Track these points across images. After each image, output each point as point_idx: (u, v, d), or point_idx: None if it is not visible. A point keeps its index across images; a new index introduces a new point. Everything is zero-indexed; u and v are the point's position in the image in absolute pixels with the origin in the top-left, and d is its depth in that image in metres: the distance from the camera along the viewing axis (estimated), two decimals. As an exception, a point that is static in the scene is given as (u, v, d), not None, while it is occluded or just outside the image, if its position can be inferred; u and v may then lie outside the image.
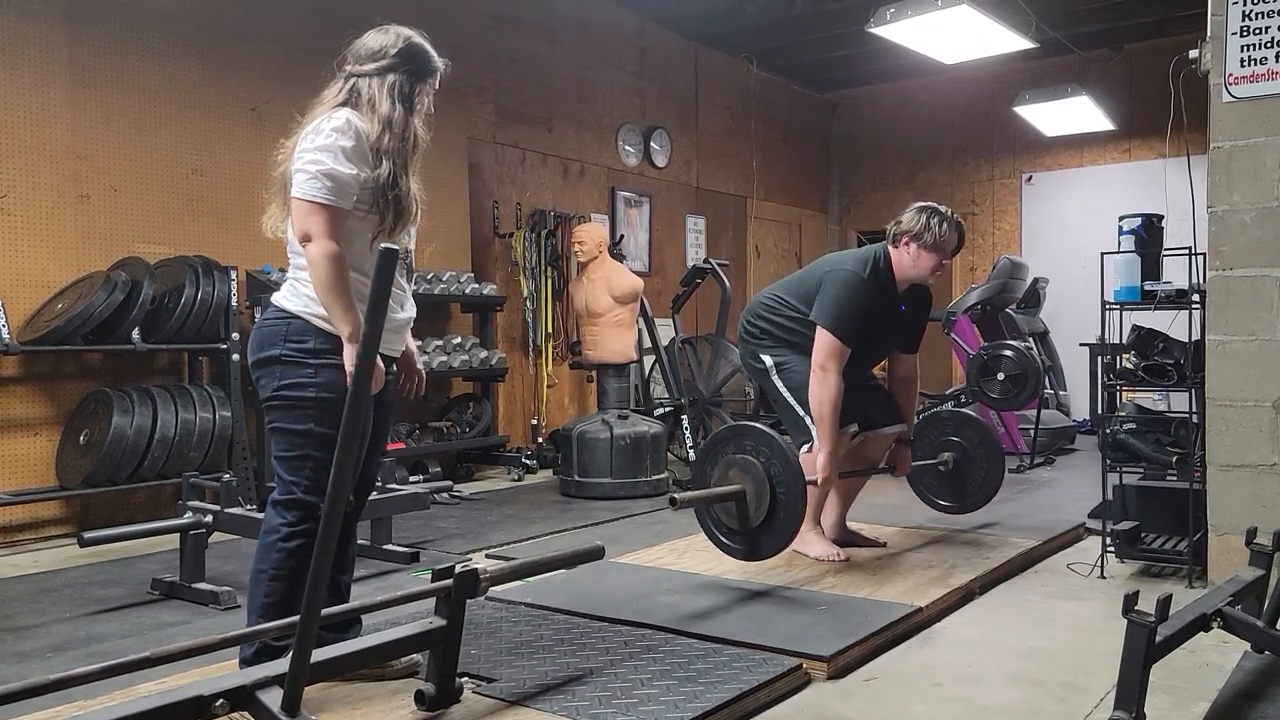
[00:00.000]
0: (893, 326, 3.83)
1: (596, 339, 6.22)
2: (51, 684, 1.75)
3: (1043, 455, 6.71)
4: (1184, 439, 3.84)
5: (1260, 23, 3.42)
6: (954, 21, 5.94)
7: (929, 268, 3.67)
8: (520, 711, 2.30)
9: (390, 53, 2.41)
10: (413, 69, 2.44)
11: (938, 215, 3.66)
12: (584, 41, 7.77)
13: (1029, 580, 3.71)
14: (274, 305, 2.43)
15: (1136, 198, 6.00)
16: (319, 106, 2.44)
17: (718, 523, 3.41)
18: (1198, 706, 2.41)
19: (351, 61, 2.44)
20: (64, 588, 3.69)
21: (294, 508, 2.36)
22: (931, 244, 3.64)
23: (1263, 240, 3.42)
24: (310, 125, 2.39)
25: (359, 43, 2.46)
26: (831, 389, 3.52)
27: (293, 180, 2.34)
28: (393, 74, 2.41)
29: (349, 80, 2.43)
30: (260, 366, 2.40)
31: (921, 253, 3.66)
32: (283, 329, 2.37)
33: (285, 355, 2.35)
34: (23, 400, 4.62)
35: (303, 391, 2.34)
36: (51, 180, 4.70)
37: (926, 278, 3.73)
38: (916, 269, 3.69)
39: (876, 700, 2.50)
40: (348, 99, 2.41)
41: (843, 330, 3.57)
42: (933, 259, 3.66)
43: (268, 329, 2.40)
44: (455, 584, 2.25)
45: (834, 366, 3.54)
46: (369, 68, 2.41)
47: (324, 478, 2.02)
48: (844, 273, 3.68)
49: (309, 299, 2.35)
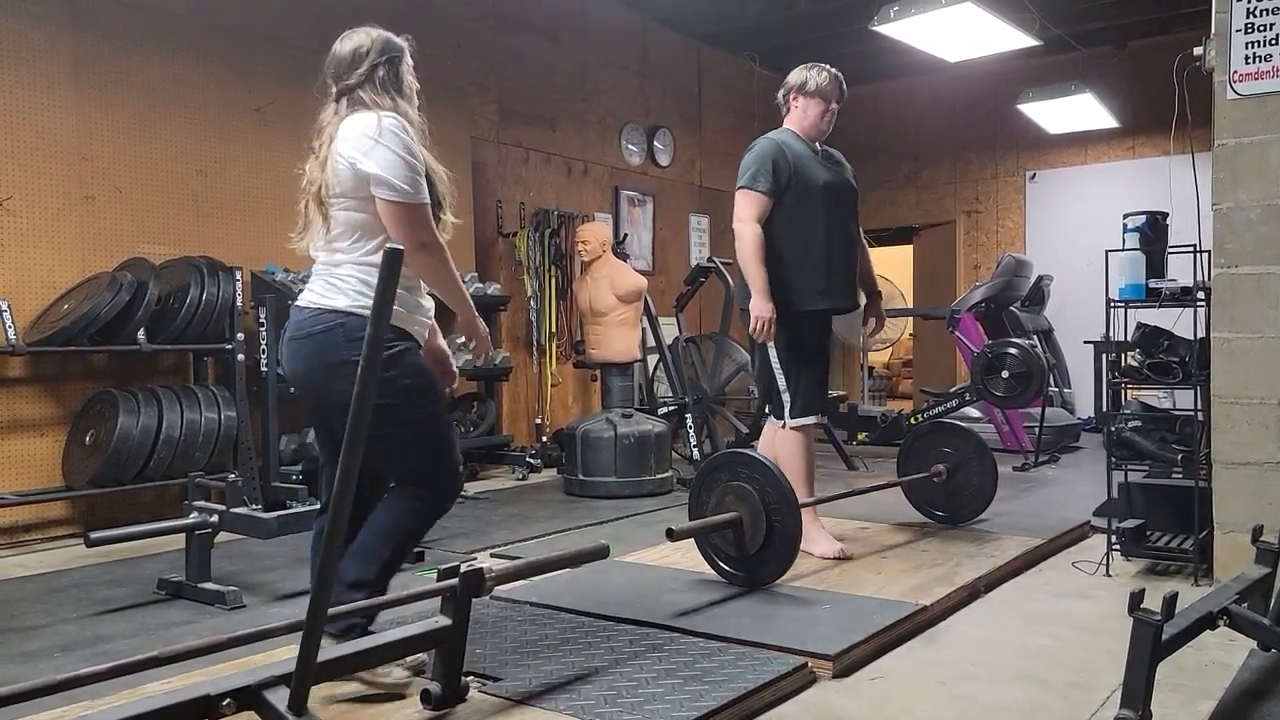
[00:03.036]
0: (837, 181, 3.92)
1: (600, 338, 6.22)
2: (58, 684, 1.75)
3: (1047, 453, 6.70)
4: (1189, 437, 3.83)
5: (1265, 19, 3.42)
6: (957, 19, 5.94)
7: (816, 114, 3.90)
8: (526, 711, 2.31)
9: (365, 52, 2.47)
10: (390, 58, 2.50)
11: (815, 67, 3.94)
12: (587, 41, 7.77)
13: (1034, 578, 3.71)
14: (316, 308, 2.38)
15: (1141, 195, 5.98)
16: (324, 129, 2.47)
17: (717, 549, 3.41)
18: (1204, 705, 2.41)
19: (333, 79, 2.50)
20: (70, 588, 3.70)
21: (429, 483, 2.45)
22: (814, 90, 3.90)
23: (1268, 237, 3.42)
24: (354, 131, 2.38)
25: (333, 58, 2.53)
26: (749, 237, 3.75)
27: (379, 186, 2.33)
28: (380, 69, 2.46)
29: (342, 96, 2.47)
30: (324, 374, 2.36)
31: (807, 102, 3.91)
32: (339, 331, 2.35)
33: (356, 357, 2.32)
34: (29, 401, 4.63)
35: (387, 394, 2.28)
36: (57, 181, 4.71)
37: (819, 126, 3.92)
38: (808, 119, 3.92)
39: (882, 699, 2.50)
40: (352, 110, 2.44)
41: (754, 183, 3.79)
42: (818, 105, 3.90)
43: (321, 334, 2.36)
44: (460, 583, 2.25)
45: (748, 216, 3.78)
46: (357, 76, 2.46)
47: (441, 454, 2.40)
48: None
49: (358, 294, 2.35)
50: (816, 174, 3.85)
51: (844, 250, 3.88)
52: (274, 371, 5.10)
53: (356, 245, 2.41)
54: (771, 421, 3.94)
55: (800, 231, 3.80)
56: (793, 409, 3.85)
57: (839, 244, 3.86)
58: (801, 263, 3.80)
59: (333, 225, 2.41)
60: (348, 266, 2.40)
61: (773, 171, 3.78)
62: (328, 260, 2.43)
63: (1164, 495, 3.86)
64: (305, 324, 2.41)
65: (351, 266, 2.39)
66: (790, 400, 3.84)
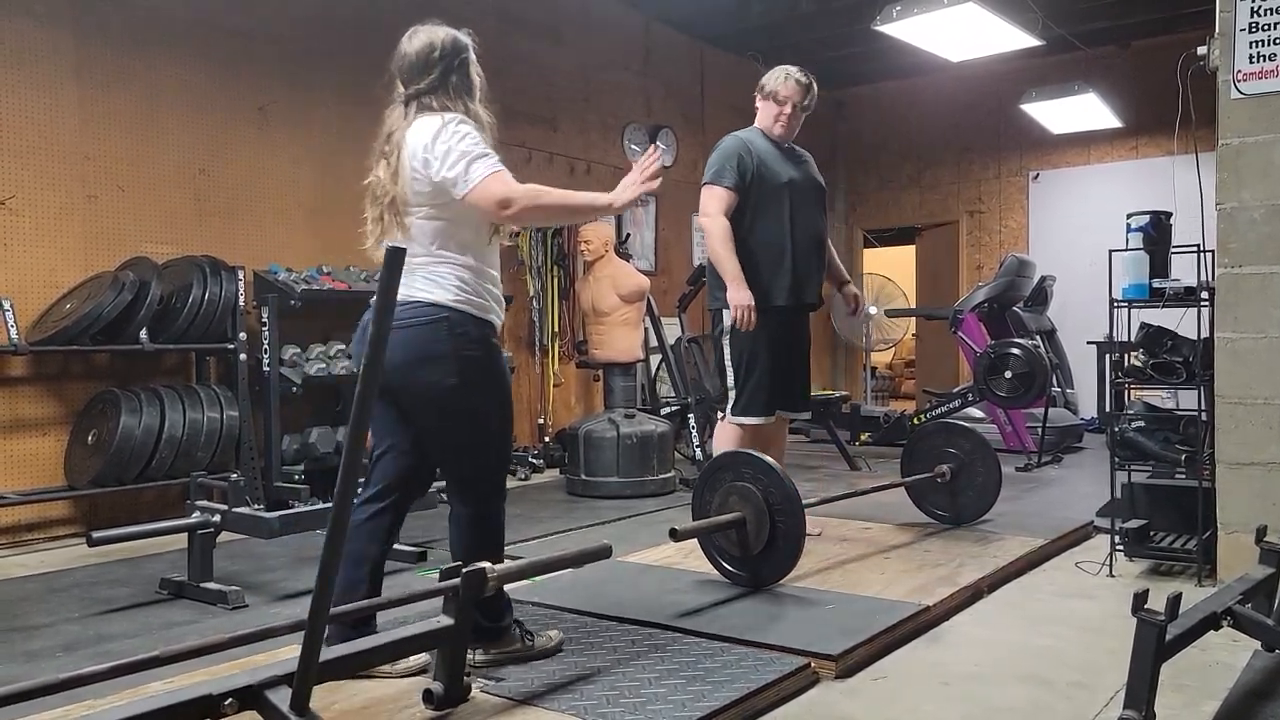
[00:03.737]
0: (801, 178, 3.99)
1: (603, 338, 6.22)
2: (60, 683, 1.75)
3: (1050, 453, 6.69)
4: (1193, 437, 3.83)
5: (1269, 19, 3.41)
6: (960, 19, 5.94)
7: (772, 115, 3.97)
8: (528, 711, 2.30)
9: (436, 56, 2.51)
10: (461, 60, 2.55)
11: (780, 69, 4.00)
12: (589, 41, 7.76)
13: (1037, 579, 3.70)
14: (415, 301, 2.42)
15: (1144, 195, 5.96)
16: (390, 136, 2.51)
17: (721, 550, 3.40)
18: (1208, 705, 2.40)
19: (403, 81, 2.53)
20: (72, 587, 3.70)
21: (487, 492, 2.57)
22: (769, 93, 3.97)
23: (1272, 237, 3.41)
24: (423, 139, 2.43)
25: (402, 59, 2.54)
26: (717, 230, 3.84)
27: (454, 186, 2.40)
28: (452, 75, 2.52)
29: (411, 101, 2.51)
30: (423, 364, 2.42)
31: (765, 104, 3.99)
32: (443, 325, 2.43)
33: (459, 350, 2.43)
34: (31, 400, 4.64)
35: (481, 385, 2.46)
36: (59, 180, 4.71)
37: (774, 128, 3.98)
38: (765, 119, 4.00)
39: (885, 699, 2.50)
40: (420, 113, 2.49)
41: (719, 178, 3.88)
42: (772, 108, 3.97)
43: (421, 326, 2.42)
44: (463, 583, 2.24)
45: (715, 210, 3.86)
46: (429, 82, 2.50)
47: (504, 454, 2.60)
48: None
49: (458, 289, 2.45)
50: (780, 171, 3.93)
51: (808, 246, 3.96)
52: (276, 371, 5.10)
53: (444, 246, 2.48)
54: (721, 422, 4.08)
55: (764, 228, 3.90)
56: (734, 406, 3.97)
57: (803, 240, 3.94)
58: (765, 259, 3.89)
59: (415, 233, 2.47)
60: (444, 266, 2.47)
61: (737, 168, 3.87)
62: (417, 258, 2.44)
63: (1167, 495, 3.85)
64: (404, 317, 2.43)
65: (447, 266, 2.47)
66: (734, 397, 3.96)
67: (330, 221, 5.82)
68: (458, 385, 2.44)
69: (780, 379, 4.00)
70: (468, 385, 2.45)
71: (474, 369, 2.46)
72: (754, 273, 3.86)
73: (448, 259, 2.47)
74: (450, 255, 2.47)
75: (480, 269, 2.51)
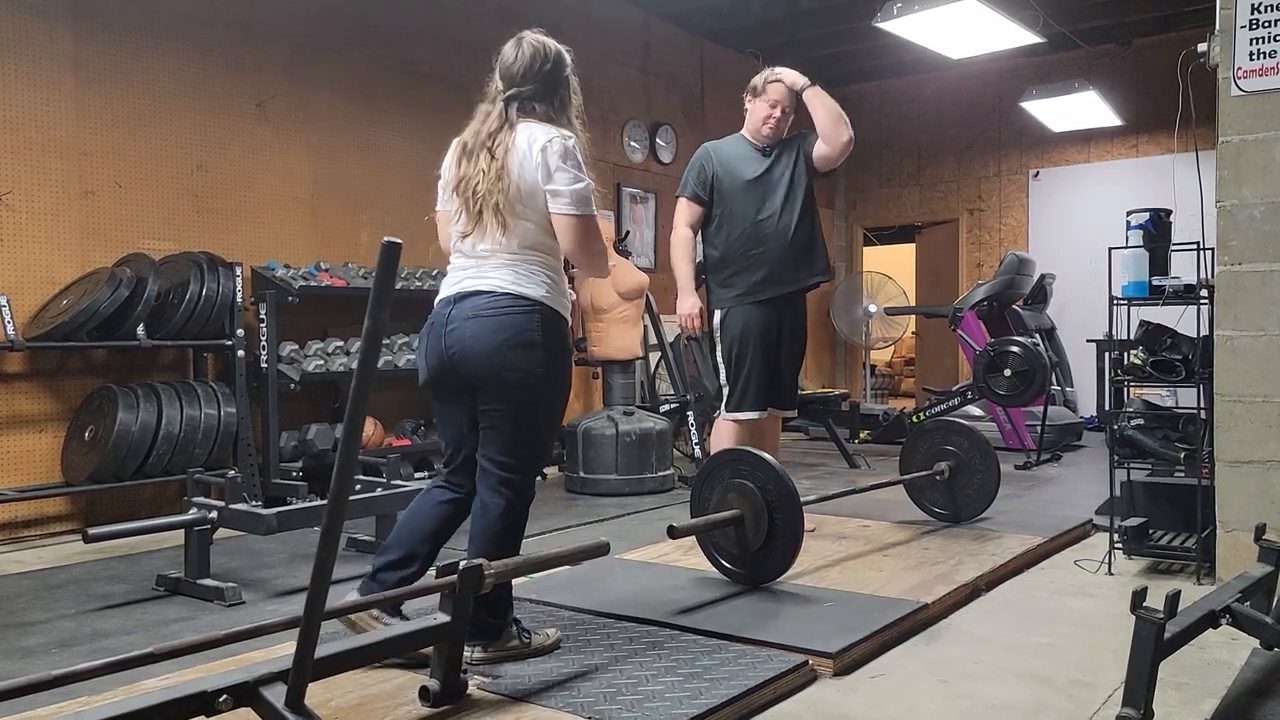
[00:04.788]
0: (769, 174, 4.07)
1: (602, 335, 6.21)
2: (55, 680, 1.74)
3: (1050, 452, 6.69)
4: (1192, 435, 3.82)
5: (1269, 15, 3.40)
6: (961, 16, 5.93)
7: (761, 116, 4.06)
8: (525, 708, 2.30)
9: (544, 71, 2.63)
10: (568, 76, 2.69)
11: (770, 70, 4.11)
12: (589, 37, 7.75)
13: (1036, 577, 3.70)
14: (506, 292, 2.50)
15: (1144, 193, 5.96)
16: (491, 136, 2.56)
17: (719, 547, 3.40)
18: (1207, 703, 2.40)
19: (504, 84, 2.61)
20: (69, 584, 3.69)
21: (517, 487, 2.58)
22: (755, 93, 4.09)
23: (1272, 235, 3.40)
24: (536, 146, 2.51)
25: (506, 64, 2.64)
26: (675, 241, 4.12)
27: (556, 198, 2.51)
28: (561, 89, 2.65)
29: (511, 103, 2.58)
30: (512, 351, 2.48)
31: (755, 104, 4.09)
32: (535, 317, 2.51)
33: (548, 342, 2.52)
34: (28, 397, 4.63)
35: (560, 378, 2.57)
36: (56, 176, 4.70)
37: (761, 129, 4.08)
38: (754, 121, 4.10)
39: (883, 697, 2.49)
40: (524, 117, 2.57)
41: (683, 190, 4.12)
42: (760, 106, 4.07)
43: (516, 314, 2.50)
44: (460, 580, 2.24)
45: (680, 221, 4.11)
46: (534, 89, 2.60)
47: (545, 452, 2.64)
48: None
49: (549, 287, 2.55)
50: (745, 171, 4.05)
51: (782, 238, 4.03)
52: (274, 367, 5.09)
53: (537, 246, 2.56)
54: (717, 420, 4.21)
55: (731, 229, 4.05)
56: (729, 402, 4.10)
57: (776, 233, 4.02)
58: (737, 259, 4.04)
59: (512, 232, 2.53)
60: (535, 264, 2.55)
61: (697, 178, 4.08)
62: (510, 253, 2.54)
63: (1166, 494, 3.85)
64: (495, 305, 2.51)
65: (538, 265, 2.56)
66: (729, 393, 4.09)
67: (328, 218, 5.82)
68: (544, 375, 2.52)
69: (772, 372, 4.08)
70: (550, 376, 2.54)
71: (558, 363, 2.57)
72: (730, 273, 4.05)
73: (538, 258, 2.56)
74: (540, 255, 2.57)
75: (560, 271, 2.63)
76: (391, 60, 5.99)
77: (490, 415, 2.55)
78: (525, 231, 2.54)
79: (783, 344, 4.11)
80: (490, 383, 2.52)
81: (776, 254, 4.02)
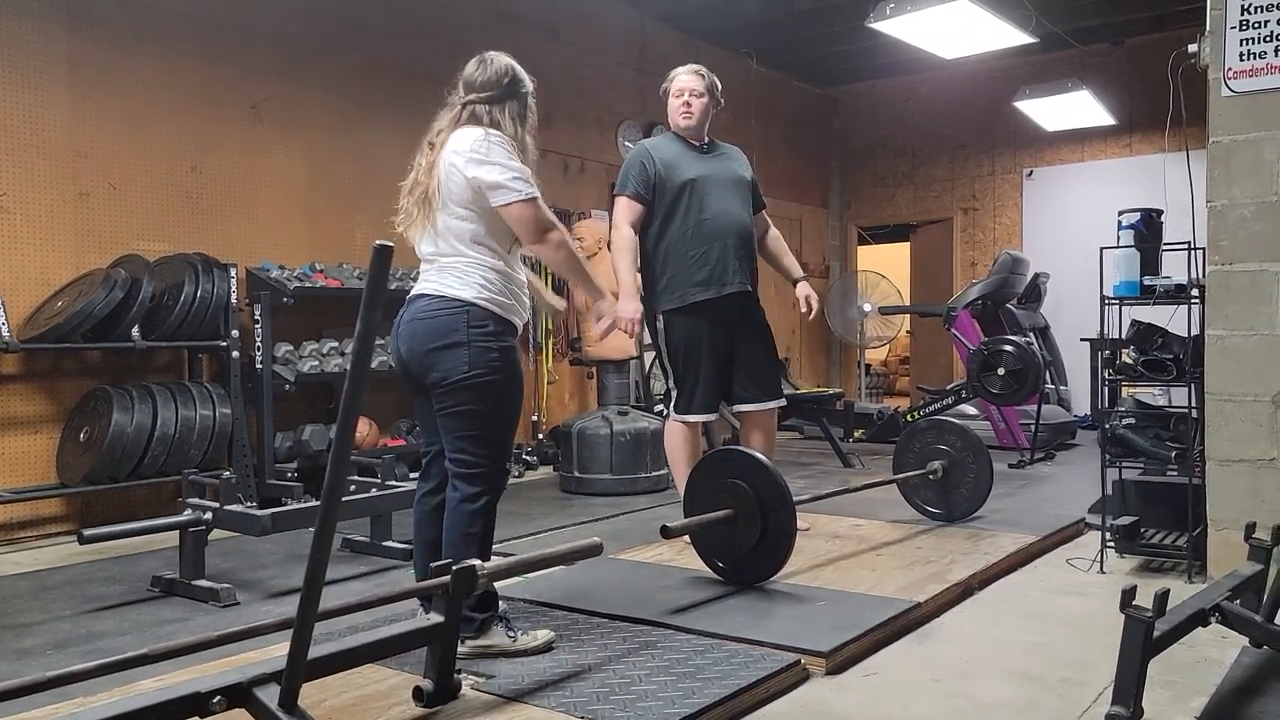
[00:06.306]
0: (712, 173, 4.05)
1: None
2: (50, 681, 1.75)
3: (1043, 450, 6.70)
4: (1183, 434, 3.84)
5: (1259, 16, 3.41)
6: (954, 16, 5.94)
7: (677, 109, 4.08)
8: (518, 708, 2.31)
9: (503, 83, 2.69)
10: (525, 93, 2.75)
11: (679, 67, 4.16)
12: (585, 38, 7.76)
13: (1028, 576, 3.71)
14: (440, 295, 2.61)
15: (1137, 192, 5.98)
16: (439, 133, 2.69)
17: (712, 547, 3.40)
18: (1196, 701, 2.41)
19: (464, 91, 2.71)
20: (64, 585, 3.70)
21: (482, 480, 2.64)
22: (664, 91, 4.14)
23: (1262, 235, 3.42)
24: (464, 145, 2.60)
25: (469, 75, 2.72)
26: (617, 241, 3.99)
27: (495, 191, 2.57)
28: (510, 100, 2.70)
29: (466, 107, 2.68)
30: (438, 353, 2.58)
31: (669, 103, 4.11)
32: (462, 317, 2.58)
33: (474, 341, 2.57)
34: (23, 398, 4.63)
35: (490, 375, 2.59)
36: (51, 178, 4.70)
37: (678, 120, 4.08)
38: (673, 115, 4.10)
39: (875, 696, 2.50)
40: (468, 120, 2.66)
41: (623, 188, 4.02)
42: (672, 103, 4.09)
43: (444, 318, 2.59)
44: (453, 580, 2.25)
45: (620, 221, 4.01)
46: (488, 96, 2.68)
47: (502, 447, 2.68)
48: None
49: (481, 286, 2.60)
50: (685, 169, 4.01)
51: (724, 238, 4.00)
52: (269, 368, 5.10)
53: (474, 247, 2.62)
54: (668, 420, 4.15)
55: (674, 228, 3.99)
56: (678, 404, 4.06)
57: (717, 233, 3.98)
58: (678, 258, 3.99)
59: (445, 229, 2.63)
60: (470, 265, 2.62)
61: (638, 175, 3.99)
62: (448, 256, 2.64)
63: (1158, 492, 3.86)
64: (429, 308, 2.62)
65: (474, 266, 2.62)
66: (677, 395, 4.06)
67: (323, 218, 5.82)
68: (476, 373, 2.57)
69: (721, 374, 4.03)
70: (486, 373, 2.58)
71: (493, 358, 2.60)
72: (672, 273, 3.99)
73: (478, 259, 2.62)
74: (480, 256, 2.62)
75: (509, 272, 2.67)
76: (387, 61, 6.00)
77: (440, 413, 2.65)
78: (460, 231, 2.62)
79: (737, 340, 4.04)
80: (431, 383, 2.62)
81: (720, 253, 3.98)
